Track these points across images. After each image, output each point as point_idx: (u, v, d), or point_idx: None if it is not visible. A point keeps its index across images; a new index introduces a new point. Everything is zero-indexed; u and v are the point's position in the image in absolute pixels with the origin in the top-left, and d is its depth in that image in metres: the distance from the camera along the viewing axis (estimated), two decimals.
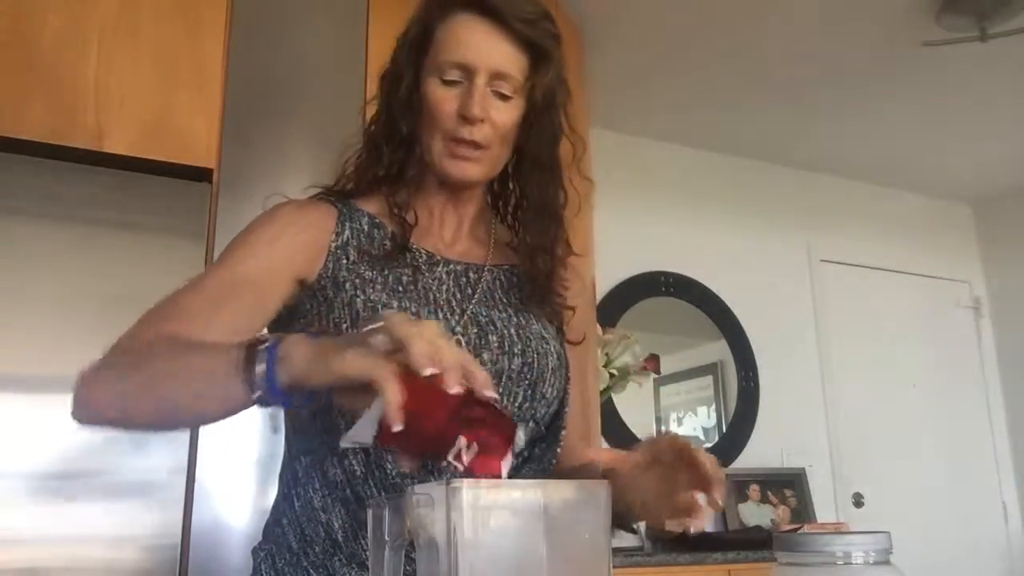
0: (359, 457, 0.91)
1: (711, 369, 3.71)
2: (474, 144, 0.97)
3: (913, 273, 4.26)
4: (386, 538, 0.64)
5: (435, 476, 0.68)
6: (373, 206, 1.03)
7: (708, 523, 0.81)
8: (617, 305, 3.44)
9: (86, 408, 0.81)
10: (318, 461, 0.94)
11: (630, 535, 2.92)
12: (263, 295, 0.92)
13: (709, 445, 3.55)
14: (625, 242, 3.36)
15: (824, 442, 3.79)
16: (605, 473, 0.83)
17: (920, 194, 4.41)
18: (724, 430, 3.62)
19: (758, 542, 2.76)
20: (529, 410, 0.97)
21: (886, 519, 3.55)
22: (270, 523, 1.01)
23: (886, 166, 4.10)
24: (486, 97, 0.95)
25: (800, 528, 3.18)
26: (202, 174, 2.03)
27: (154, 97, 2.02)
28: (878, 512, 3.74)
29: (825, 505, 3.64)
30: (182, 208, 1.96)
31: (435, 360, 0.63)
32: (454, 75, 0.96)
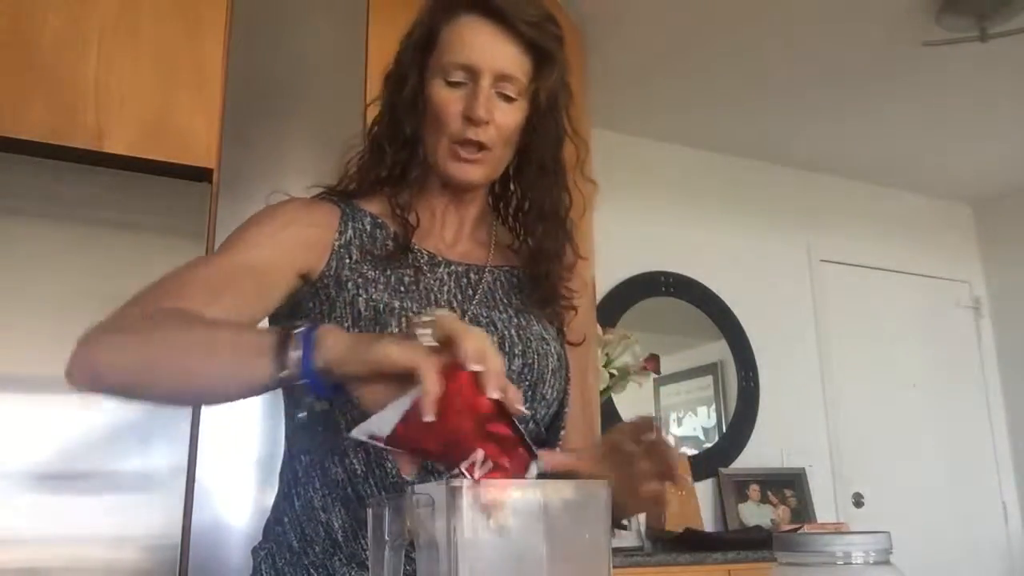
0: (360, 456, 0.92)
1: (711, 369, 3.71)
2: (478, 145, 0.97)
3: (913, 273, 4.26)
4: (386, 538, 0.64)
5: (435, 476, 0.68)
6: (375, 206, 1.03)
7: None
8: (617, 305, 3.45)
9: (88, 371, 0.78)
10: (318, 460, 0.94)
11: (630, 535, 2.92)
12: (264, 285, 0.92)
13: (709, 445, 3.56)
14: (625, 242, 3.36)
15: (824, 442, 3.79)
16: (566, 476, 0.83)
17: (920, 194, 4.42)
18: (724, 430, 3.62)
19: (758, 542, 2.76)
20: (529, 411, 0.97)
21: (886, 519, 3.55)
22: (270, 522, 1.01)
23: (886, 166, 4.10)
24: (490, 99, 0.96)
25: (800, 528, 3.18)
26: (202, 174, 2.03)
27: (154, 97, 2.02)
28: (878, 512, 3.74)
29: (825, 505, 3.64)
30: (182, 208, 1.96)
31: (482, 361, 0.65)
32: (458, 76, 0.96)
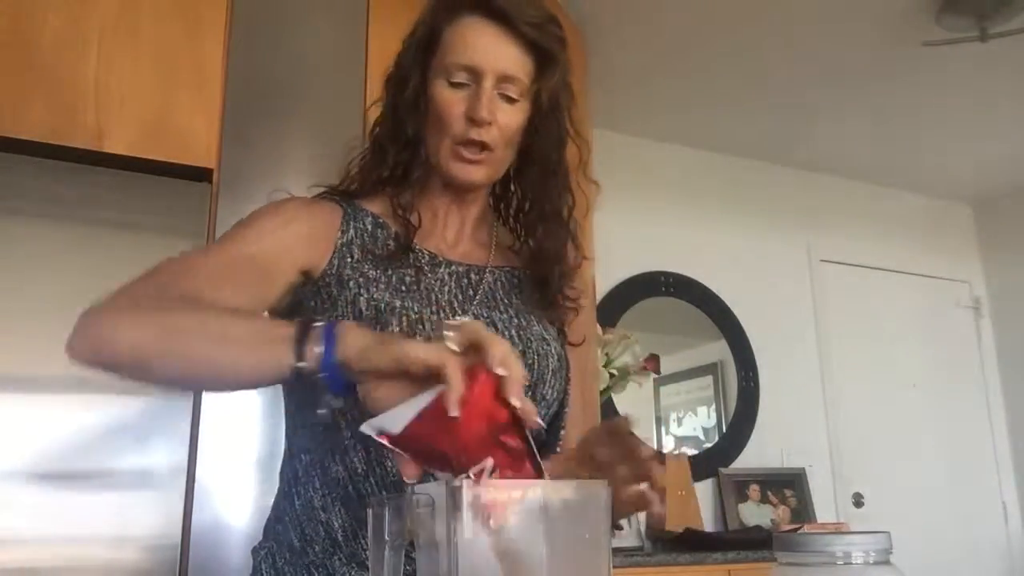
0: (360, 455, 0.92)
1: (711, 369, 3.71)
2: (481, 145, 0.97)
3: (913, 273, 4.26)
4: (386, 538, 0.64)
5: (434, 476, 0.68)
6: (377, 206, 1.03)
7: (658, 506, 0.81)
8: (617, 305, 3.45)
9: (94, 344, 0.77)
10: (318, 459, 0.94)
11: (630, 535, 2.92)
12: (266, 279, 0.92)
13: (709, 445, 3.56)
14: (625, 242, 3.37)
15: (824, 442, 3.79)
16: None
17: (920, 194, 4.41)
18: (724, 430, 3.62)
19: (758, 542, 2.76)
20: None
21: (886, 519, 3.55)
22: (270, 522, 1.01)
23: (886, 166, 4.10)
24: (493, 100, 0.96)
25: (800, 528, 3.18)
26: (202, 174, 2.03)
27: (154, 97, 2.02)
28: (878, 512, 3.74)
29: (825, 505, 3.64)
30: (182, 208, 1.96)
31: (507, 367, 0.66)
32: (461, 77, 0.96)
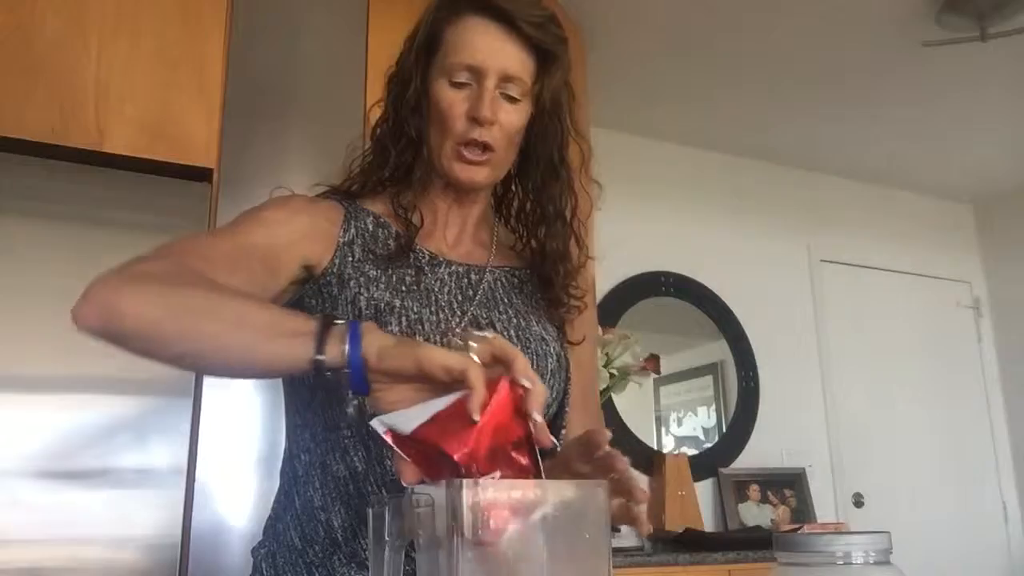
0: (360, 454, 0.92)
1: (711, 369, 3.71)
2: (483, 146, 0.97)
3: (913, 273, 4.26)
4: (386, 538, 0.64)
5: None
6: (378, 206, 1.03)
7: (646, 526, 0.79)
8: (617, 305, 3.44)
9: (104, 312, 0.74)
10: (318, 459, 0.95)
11: (630, 535, 2.92)
12: (272, 269, 0.92)
13: (709, 445, 3.56)
14: (625, 242, 3.36)
15: (824, 442, 3.79)
16: None
17: (920, 194, 4.41)
18: (724, 430, 3.62)
19: (758, 542, 2.76)
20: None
21: (886, 519, 3.55)
22: (270, 521, 1.01)
23: (886, 166, 4.10)
24: (495, 99, 0.96)
25: (800, 528, 3.18)
26: (202, 174, 2.03)
27: (154, 97, 2.02)
28: (878, 512, 3.74)
29: (825, 505, 3.64)
30: (182, 208, 1.96)
31: (531, 381, 0.67)
32: (463, 77, 0.96)
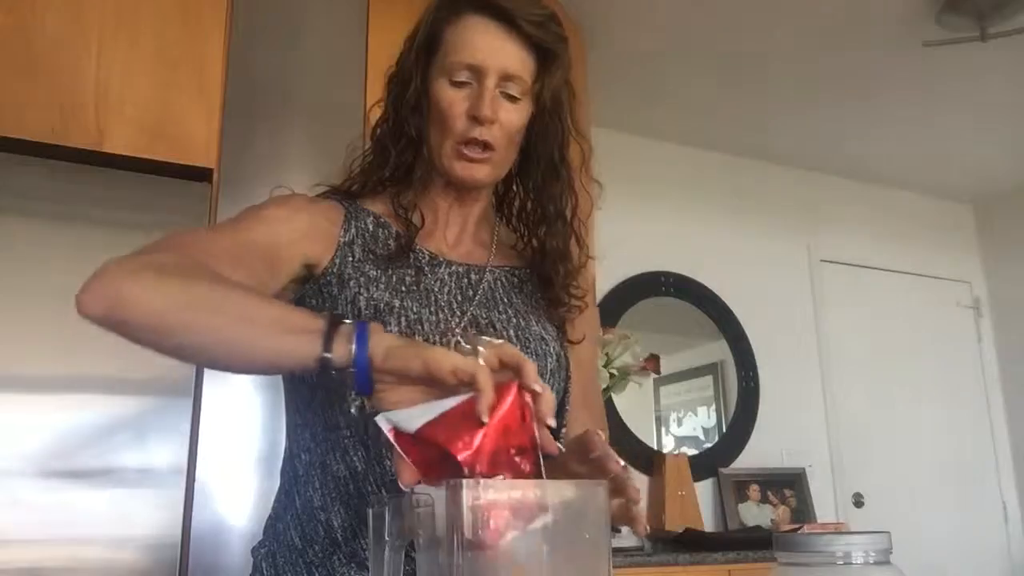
0: (360, 454, 0.92)
1: (711, 369, 3.71)
2: (484, 145, 0.97)
3: (913, 273, 4.26)
4: (386, 538, 0.64)
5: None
6: (379, 206, 1.03)
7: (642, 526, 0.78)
8: (617, 305, 3.45)
9: (110, 300, 0.74)
10: (318, 459, 0.95)
11: (630, 535, 2.92)
12: (273, 266, 0.92)
13: (709, 445, 3.56)
14: (625, 242, 3.36)
15: (824, 442, 3.79)
16: None
17: (920, 194, 4.41)
18: (724, 430, 3.62)
19: (758, 542, 2.76)
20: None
21: (886, 519, 3.55)
22: (270, 521, 1.01)
23: (886, 166, 4.10)
24: (495, 98, 0.96)
25: (800, 528, 3.18)
26: (202, 174, 2.03)
27: (154, 97, 2.02)
28: (878, 512, 3.74)
29: (825, 505, 3.64)
30: (182, 208, 1.96)
31: (542, 387, 0.68)
32: (463, 76, 0.96)
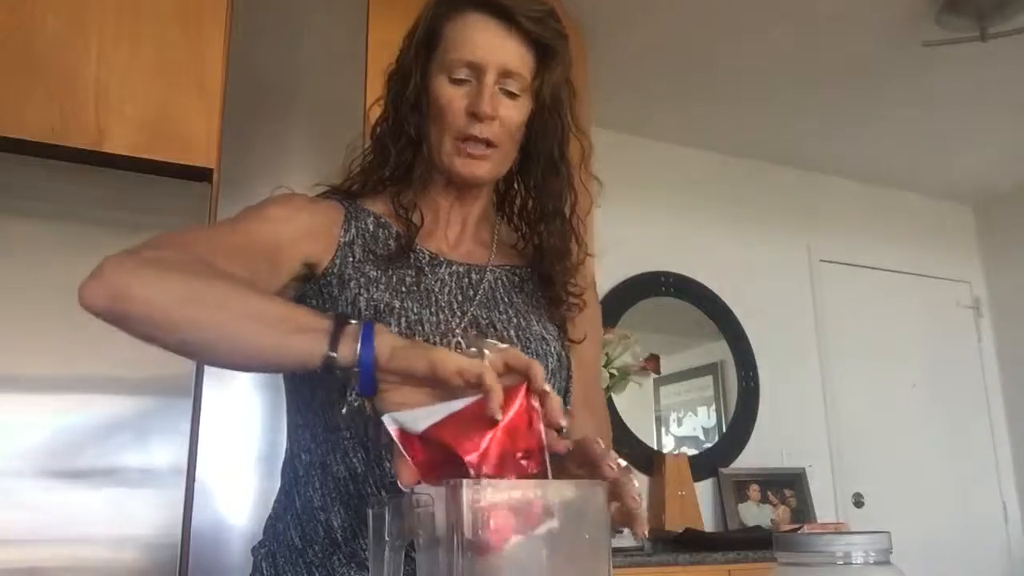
0: (359, 455, 0.92)
1: (711, 369, 3.71)
2: (485, 142, 0.96)
3: (913, 273, 4.26)
4: (386, 538, 0.64)
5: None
6: (379, 206, 1.03)
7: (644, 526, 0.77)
8: (617, 305, 3.44)
9: (113, 293, 0.74)
10: (319, 459, 0.94)
11: (630, 535, 2.92)
12: (274, 265, 0.92)
13: (709, 445, 3.56)
14: (625, 242, 3.36)
15: (824, 442, 3.79)
16: None
17: (920, 194, 4.41)
18: (724, 430, 3.62)
19: (758, 542, 2.76)
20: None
21: (886, 519, 3.55)
22: (271, 521, 1.01)
23: (886, 166, 4.10)
24: (495, 95, 0.95)
25: (800, 528, 3.18)
26: (202, 174, 2.03)
27: (154, 97, 2.02)
28: (878, 512, 3.74)
29: (825, 505, 3.64)
30: (182, 208, 1.96)
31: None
32: (463, 74, 0.96)
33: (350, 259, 0.97)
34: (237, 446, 1.92)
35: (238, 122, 2.09)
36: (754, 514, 3.41)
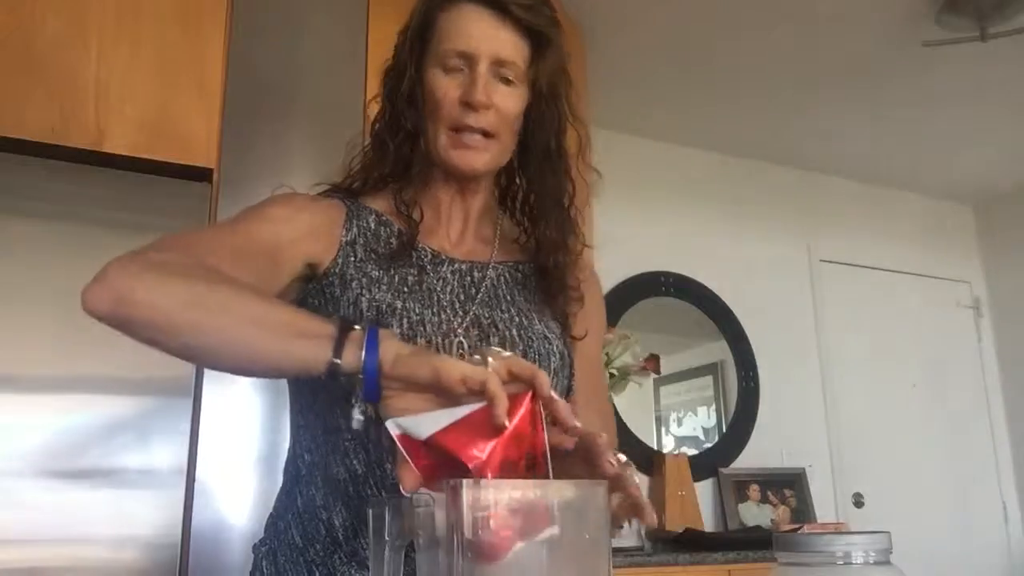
0: (360, 457, 0.92)
1: (711, 369, 3.71)
2: (482, 132, 0.96)
3: (913, 273, 4.26)
4: (387, 538, 0.64)
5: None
6: (380, 203, 1.02)
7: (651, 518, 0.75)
8: (617, 305, 3.44)
9: (116, 296, 0.74)
10: (320, 460, 0.94)
11: (630, 535, 2.92)
12: (277, 265, 0.92)
13: (709, 445, 3.56)
14: (625, 242, 3.36)
15: (824, 442, 3.79)
16: None
17: (920, 194, 4.41)
18: (724, 430, 3.62)
19: (758, 542, 2.76)
20: None
21: (886, 519, 3.55)
22: (272, 519, 1.01)
23: (886, 166, 4.10)
24: (489, 83, 0.95)
25: (800, 528, 3.18)
26: (202, 174, 2.03)
27: (154, 97, 2.02)
28: (878, 512, 3.74)
29: (825, 505, 3.64)
30: (182, 208, 1.96)
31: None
32: (456, 64, 0.96)
33: (352, 259, 0.96)
34: (237, 446, 1.92)
35: (238, 122, 2.09)
36: (754, 514, 3.41)
